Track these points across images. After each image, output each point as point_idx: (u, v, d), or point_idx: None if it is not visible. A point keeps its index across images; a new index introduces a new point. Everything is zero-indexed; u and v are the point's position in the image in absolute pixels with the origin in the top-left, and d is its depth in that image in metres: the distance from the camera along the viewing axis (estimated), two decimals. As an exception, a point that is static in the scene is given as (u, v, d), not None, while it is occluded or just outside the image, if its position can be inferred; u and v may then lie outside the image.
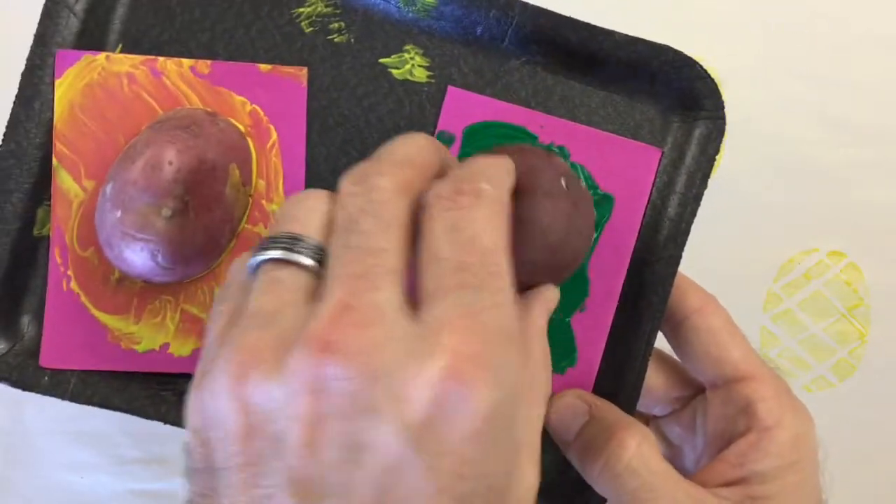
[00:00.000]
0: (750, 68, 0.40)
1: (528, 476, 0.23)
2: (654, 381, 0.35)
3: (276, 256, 0.23)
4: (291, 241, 0.23)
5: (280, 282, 0.23)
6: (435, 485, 0.20)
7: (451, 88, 0.33)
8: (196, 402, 0.22)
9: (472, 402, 0.20)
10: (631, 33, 0.38)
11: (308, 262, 0.23)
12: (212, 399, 0.22)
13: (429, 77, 0.33)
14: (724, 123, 0.33)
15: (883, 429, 0.42)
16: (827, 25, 0.40)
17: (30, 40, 0.32)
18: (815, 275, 0.42)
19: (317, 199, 0.25)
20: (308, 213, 0.24)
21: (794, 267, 0.42)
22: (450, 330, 0.21)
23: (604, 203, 0.33)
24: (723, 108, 0.33)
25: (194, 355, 0.32)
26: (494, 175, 0.24)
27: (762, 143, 0.40)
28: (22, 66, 0.32)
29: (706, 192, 0.40)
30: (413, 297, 0.22)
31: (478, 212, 0.23)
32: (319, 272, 0.23)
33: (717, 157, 0.41)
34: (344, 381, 0.20)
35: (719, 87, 0.32)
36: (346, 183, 0.24)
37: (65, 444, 0.44)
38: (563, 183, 0.28)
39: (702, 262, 0.42)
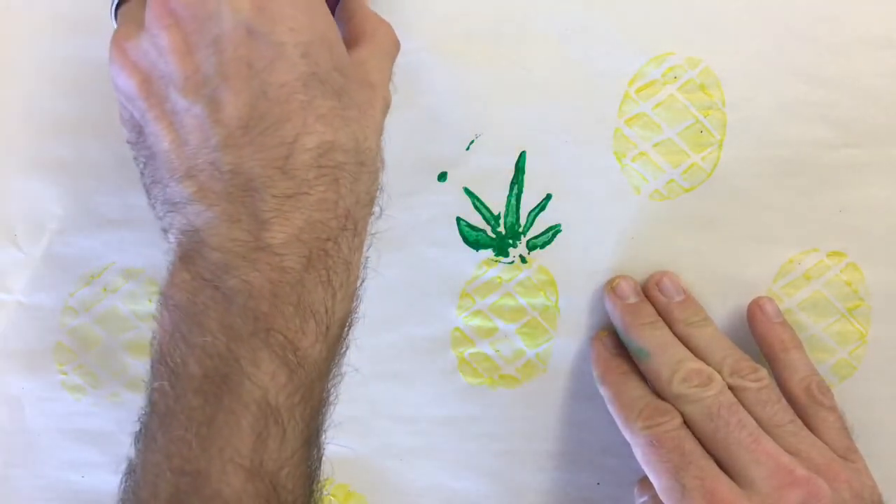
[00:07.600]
0: (750, 68, 0.40)
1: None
2: None
3: None
4: None
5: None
6: (278, 41, 0.28)
7: None
8: (116, 83, 0.30)
9: None
10: (631, 33, 0.38)
11: None
12: (115, 81, 0.30)
13: None
14: None
15: (883, 429, 0.42)
16: (827, 26, 0.40)
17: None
18: (815, 275, 0.42)
19: None
20: None
21: (794, 267, 0.42)
22: None
23: None
24: None
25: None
26: None
27: (762, 143, 0.40)
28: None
29: (706, 192, 0.40)
30: None
31: None
32: None
33: (716, 157, 0.41)
34: (186, 8, 0.28)
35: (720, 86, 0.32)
36: None
37: (65, 444, 0.44)
38: None
39: (702, 262, 0.42)
